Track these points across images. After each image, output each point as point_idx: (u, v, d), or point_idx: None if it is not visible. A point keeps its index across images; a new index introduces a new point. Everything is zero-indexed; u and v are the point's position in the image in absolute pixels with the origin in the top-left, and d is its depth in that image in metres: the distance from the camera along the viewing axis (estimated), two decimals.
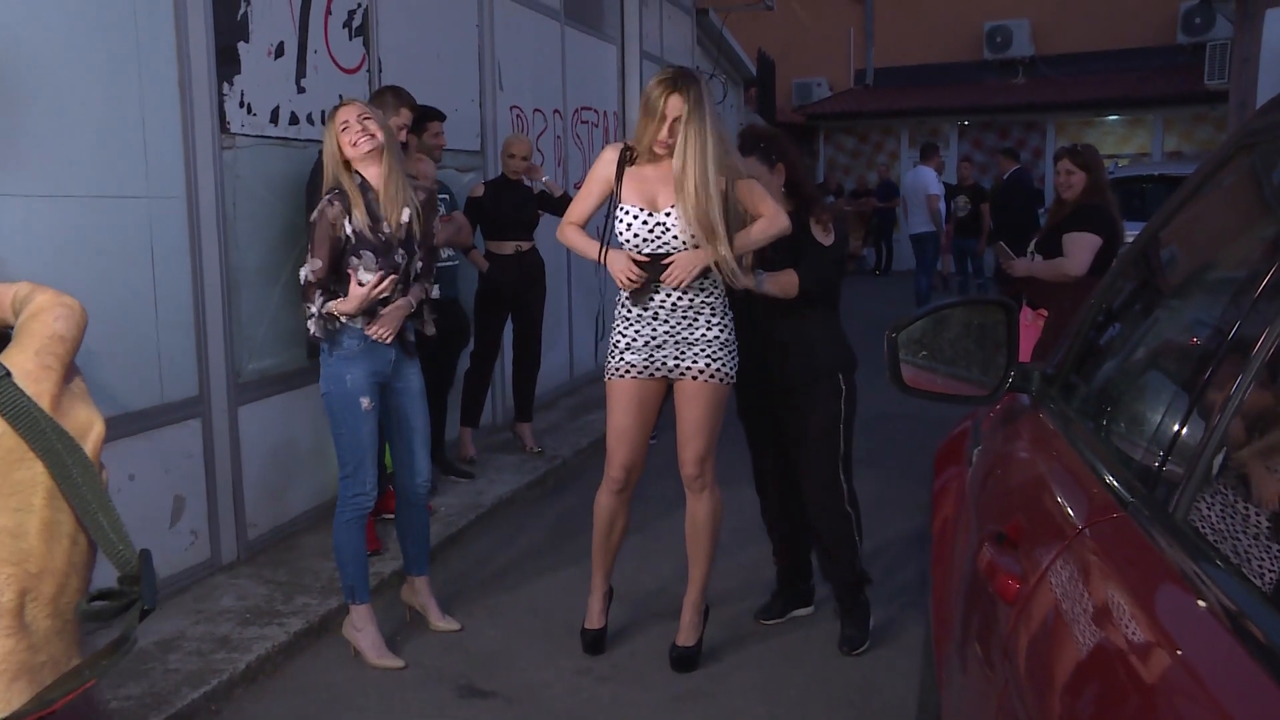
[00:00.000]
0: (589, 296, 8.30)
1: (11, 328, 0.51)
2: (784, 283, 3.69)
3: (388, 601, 4.16)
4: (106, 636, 0.55)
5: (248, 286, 4.48)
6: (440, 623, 4.05)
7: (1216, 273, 1.83)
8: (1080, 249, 4.94)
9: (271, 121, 4.59)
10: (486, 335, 6.00)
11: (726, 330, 3.56)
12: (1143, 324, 2.00)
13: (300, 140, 4.67)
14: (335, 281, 3.55)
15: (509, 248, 5.90)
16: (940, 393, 2.10)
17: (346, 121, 3.56)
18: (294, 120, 4.71)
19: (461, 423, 6.03)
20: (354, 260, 3.54)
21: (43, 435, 0.49)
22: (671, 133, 3.40)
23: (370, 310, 3.56)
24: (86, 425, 0.52)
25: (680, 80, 3.41)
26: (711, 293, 3.52)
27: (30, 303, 0.52)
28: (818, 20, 20.21)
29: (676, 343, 3.52)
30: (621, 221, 3.50)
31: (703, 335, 3.51)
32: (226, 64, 4.30)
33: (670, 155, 3.43)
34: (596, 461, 6.33)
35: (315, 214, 3.53)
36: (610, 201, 3.56)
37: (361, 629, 3.77)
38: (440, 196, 5.23)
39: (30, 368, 0.49)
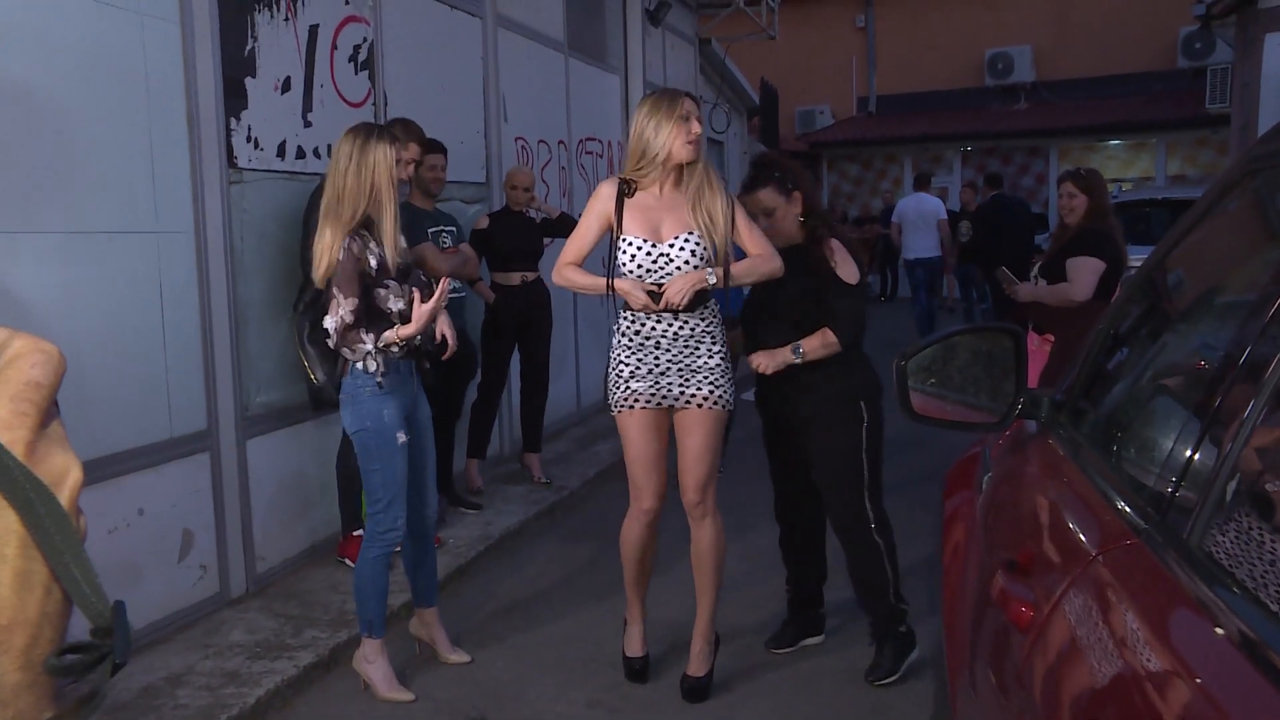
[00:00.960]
0: (596, 326, 8.31)
1: None
2: (823, 343, 3.69)
3: (397, 634, 4.14)
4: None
5: (255, 320, 4.50)
6: (450, 655, 4.03)
7: (1225, 297, 1.83)
8: (1084, 273, 4.94)
9: (278, 155, 4.62)
10: (493, 366, 6.01)
11: (725, 358, 3.61)
12: (1152, 348, 2.00)
13: (307, 174, 4.70)
14: (366, 318, 3.52)
15: (515, 278, 5.92)
16: (950, 420, 2.10)
17: (398, 153, 3.59)
18: (300, 154, 4.74)
19: (469, 454, 6.02)
20: (380, 292, 3.53)
21: (15, 484, 0.48)
22: (700, 129, 3.49)
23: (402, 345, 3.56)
24: (63, 472, 0.51)
25: (683, 91, 3.62)
26: (711, 321, 3.57)
27: (7, 349, 0.51)
28: (820, 48, 20.34)
29: (680, 370, 3.54)
30: (624, 253, 3.52)
31: (704, 363, 3.55)
32: (234, 99, 4.34)
33: (695, 158, 3.50)
34: (604, 491, 6.34)
35: (340, 253, 3.45)
36: (612, 235, 3.58)
37: (373, 662, 3.75)
38: (446, 229, 5.26)
39: (4, 415, 0.49)
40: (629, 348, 3.57)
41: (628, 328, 3.58)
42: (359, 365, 3.52)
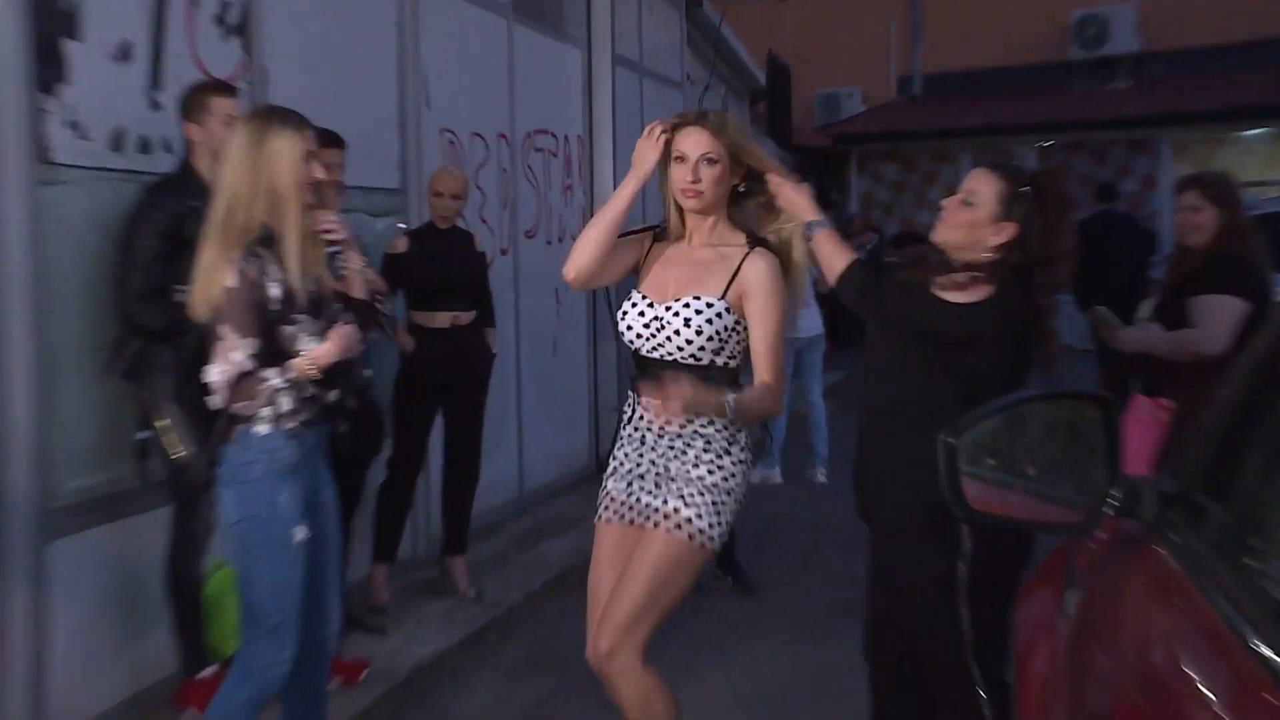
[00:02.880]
0: (543, 383, 8.30)
1: None
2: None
3: None
4: None
5: (73, 371, 4.41)
6: None
7: None
8: (1216, 317, 4.88)
9: (113, 148, 4.58)
10: (407, 437, 5.97)
11: (718, 473, 3.57)
12: None
13: (154, 174, 4.64)
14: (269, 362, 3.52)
15: (442, 319, 5.88)
16: (1016, 518, 2.07)
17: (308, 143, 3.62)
18: (145, 147, 4.70)
19: (374, 558, 5.96)
20: (286, 330, 3.52)
21: None
22: (696, 174, 3.54)
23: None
24: None
25: (697, 114, 3.69)
26: (710, 422, 3.57)
27: None
28: (848, 14, 20.58)
29: (656, 475, 3.62)
30: (623, 311, 3.68)
31: (684, 472, 3.57)
32: (49, 67, 4.29)
33: (698, 209, 3.60)
34: (554, 608, 6.29)
35: (233, 282, 3.44)
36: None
37: None
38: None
39: None
40: (621, 439, 3.77)
41: (624, 411, 3.78)
42: (264, 413, 3.48)
